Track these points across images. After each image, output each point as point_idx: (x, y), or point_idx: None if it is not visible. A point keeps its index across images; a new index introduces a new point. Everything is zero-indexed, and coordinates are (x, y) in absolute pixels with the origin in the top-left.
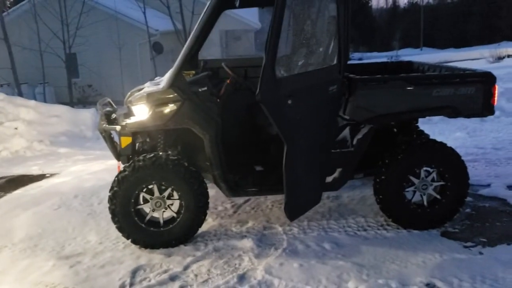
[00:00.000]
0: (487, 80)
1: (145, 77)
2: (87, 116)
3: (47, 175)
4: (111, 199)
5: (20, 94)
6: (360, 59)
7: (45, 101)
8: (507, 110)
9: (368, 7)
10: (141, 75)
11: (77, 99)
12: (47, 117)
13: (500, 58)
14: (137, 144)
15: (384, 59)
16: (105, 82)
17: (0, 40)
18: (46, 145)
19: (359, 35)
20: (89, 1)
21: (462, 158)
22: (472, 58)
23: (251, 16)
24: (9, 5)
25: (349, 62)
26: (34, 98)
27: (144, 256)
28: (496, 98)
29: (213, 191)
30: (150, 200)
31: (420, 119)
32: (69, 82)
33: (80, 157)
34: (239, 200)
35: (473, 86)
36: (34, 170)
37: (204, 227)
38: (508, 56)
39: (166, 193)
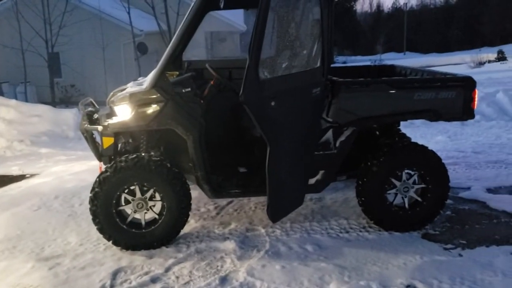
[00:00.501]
0: (467, 84)
1: (129, 78)
2: (69, 116)
3: (27, 175)
4: (92, 200)
5: (1, 93)
6: (344, 62)
7: (26, 100)
8: (487, 115)
9: (352, 11)
10: (125, 76)
11: (60, 99)
12: (28, 116)
13: (481, 64)
14: (119, 145)
15: (368, 63)
16: (88, 82)
17: None
18: (26, 145)
19: (343, 38)
20: (73, 0)
21: (443, 161)
22: (453, 63)
23: (236, 18)
24: None
25: (333, 65)
26: (15, 97)
27: (125, 258)
28: (476, 103)
29: (196, 192)
30: (132, 201)
31: (402, 122)
32: (51, 82)
33: (61, 157)
34: (222, 201)
35: (454, 90)
36: (14, 171)
37: (186, 229)
38: (489, 61)
39: (148, 194)
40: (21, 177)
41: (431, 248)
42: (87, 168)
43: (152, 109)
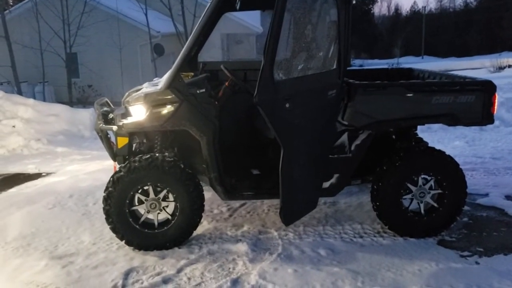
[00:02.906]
0: (487, 88)
1: (145, 79)
2: (86, 116)
3: (43, 174)
4: (105, 200)
5: (20, 93)
6: (361, 65)
7: (44, 100)
8: (507, 120)
9: (370, 14)
10: (141, 77)
11: (77, 99)
12: (45, 115)
13: (501, 68)
14: (134, 145)
15: (385, 66)
16: (105, 83)
17: (1, 38)
18: (43, 144)
19: (360, 41)
20: (91, 1)
21: (461, 166)
22: (473, 68)
23: (252, 20)
24: (11, 3)
25: (349, 68)
26: (34, 96)
27: (138, 258)
28: (496, 107)
29: (209, 193)
30: (145, 202)
31: (419, 127)
32: (69, 82)
33: (77, 156)
34: (235, 203)
35: (473, 94)
36: (30, 169)
37: (199, 230)
38: (509, 66)
39: (161, 195)
40: (37, 176)
41: (447, 255)
42: (102, 168)
43: (167, 109)
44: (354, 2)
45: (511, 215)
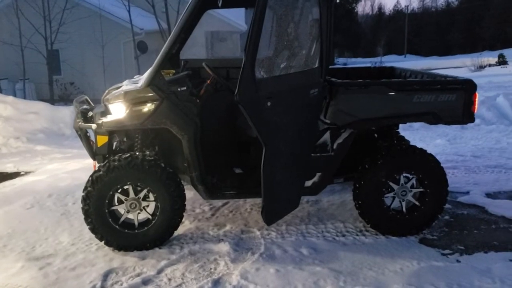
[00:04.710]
0: (468, 87)
1: (128, 76)
2: (66, 114)
3: (22, 173)
4: (84, 199)
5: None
6: (345, 64)
7: (25, 97)
8: (487, 118)
9: (353, 13)
10: (124, 74)
11: (59, 96)
12: (24, 113)
13: (481, 67)
14: (114, 144)
15: (368, 65)
16: (87, 80)
17: None
18: (22, 142)
19: (344, 40)
20: None
21: (442, 165)
22: (454, 66)
23: (237, 18)
24: None
25: (333, 66)
26: (14, 94)
27: (117, 259)
28: (476, 106)
29: (191, 193)
30: (125, 201)
31: (401, 125)
32: (50, 79)
33: (57, 155)
34: (218, 202)
35: (454, 93)
36: (9, 168)
37: (180, 230)
38: (490, 65)
39: (141, 194)
40: (15, 175)
41: (428, 254)
42: (82, 167)
43: (147, 107)
44: (337, 1)
45: (491, 213)
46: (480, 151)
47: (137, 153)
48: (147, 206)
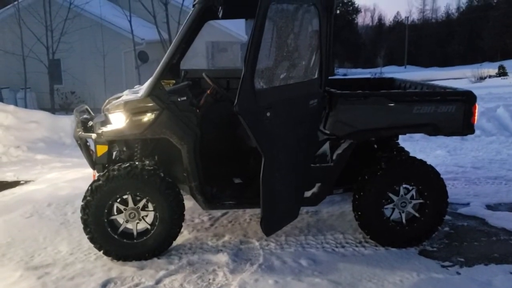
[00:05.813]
0: (467, 99)
1: (129, 86)
2: (67, 123)
3: (22, 182)
4: (83, 209)
5: (1, 99)
6: (345, 74)
7: (26, 106)
8: (487, 130)
9: (354, 24)
10: (125, 84)
11: (60, 106)
12: (25, 122)
13: (482, 78)
14: (114, 153)
15: (368, 76)
16: (88, 90)
17: None
18: (23, 151)
19: (344, 51)
20: (75, 8)
21: (442, 176)
22: (454, 78)
23: (237, 29)
24: None
25: (333, 77)
26: (16, 103)
27: (116, 269)
28: (476, 117)
29: (190, 203)
30: (124, 211)
31: (401, 136)
32: (51, 88)
33: (57, 164)
34: (217, 213)
35: (454, 104)
36: (9, 177)
37: (179, 240)
38: (490, 76)
39: (140, 204)
40: (15, 184)
41: (428, 265)
42: (81, 176)
43: (147, 117)
44: (337, 12)
45: (492, 225)
46: (480, 163)
47: (137, 163)
48: (146, 216)
